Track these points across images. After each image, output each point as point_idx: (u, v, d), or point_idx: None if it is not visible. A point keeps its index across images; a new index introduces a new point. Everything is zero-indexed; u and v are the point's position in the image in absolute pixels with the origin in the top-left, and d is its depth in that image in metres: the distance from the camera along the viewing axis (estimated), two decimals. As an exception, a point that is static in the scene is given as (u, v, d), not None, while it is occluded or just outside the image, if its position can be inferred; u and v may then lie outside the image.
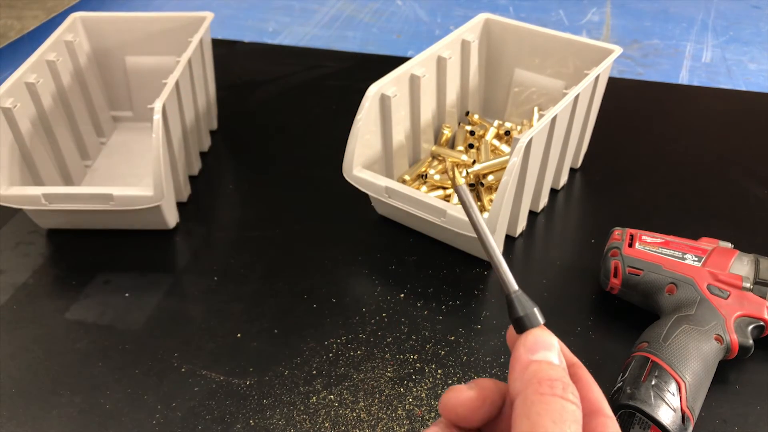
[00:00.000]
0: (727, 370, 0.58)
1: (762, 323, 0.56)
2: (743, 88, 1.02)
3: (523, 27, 0.82)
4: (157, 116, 0.67)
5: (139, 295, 0.67)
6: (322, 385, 0.58)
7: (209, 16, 0.85)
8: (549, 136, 0.68)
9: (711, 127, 0.91)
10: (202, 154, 0.87)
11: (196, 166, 0.84)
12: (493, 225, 0.62)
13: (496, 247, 0.30)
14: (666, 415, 0.48)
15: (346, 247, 0.73)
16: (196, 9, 0.91)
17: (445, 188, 0.77)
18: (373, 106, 0.70)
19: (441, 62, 0.78)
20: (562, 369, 0.27)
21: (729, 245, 0.63)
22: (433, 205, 0.66)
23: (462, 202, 0.30)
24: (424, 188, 0.77)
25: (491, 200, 0.74)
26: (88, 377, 0.59)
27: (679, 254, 0.61)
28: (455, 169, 0.31)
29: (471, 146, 0.81)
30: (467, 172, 0.75)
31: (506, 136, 0.83)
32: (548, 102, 0.83)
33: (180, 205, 0.77)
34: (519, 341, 0.28)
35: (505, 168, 0.62)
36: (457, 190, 0.30)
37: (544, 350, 0.28)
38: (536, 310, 0.29)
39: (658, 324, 0.56)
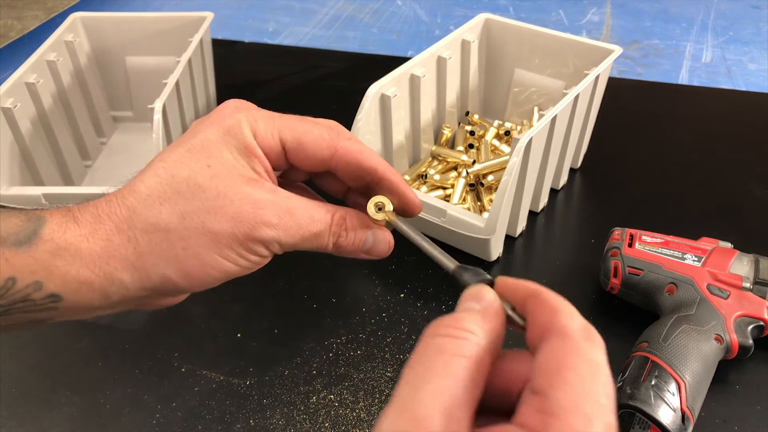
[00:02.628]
0: (727, 370, 0.58)
1: (762, 323, 0.56)
2: (743, 89, 1.02)
3: (523, 27, 0.82)
4: (157, 116, 0.67)
5: (139, 295, 0.67)
6: (322, 385, 0.58)
7: (209, 16, 0.85)
8: (549, 136, 0.68)
9: (711, 127, 0.91)
10: (202, 154, 0.87)
11: (196, 166, 0.84)
12: (493, 225, 0.62)
13: (423, 238, 0.34)
14: (666, 414, 0.48)
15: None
16: (196, 9, 0.91)
17: (444, 188, 0.77)
18: (373, 106, 0.70)
19: (441, 62, 0.78)
20: (475, 312, 0.27)
21: (729, 245, 0.63)
22: (433, 205, 0.66)
23: (400, 230, 0.35)
24: (424, 188, 0.77)
25: (491, 200, 0.74)
26: (88, 377, 0.59)
27: (679, 254, 0.61)
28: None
29: (471, 146, 0.81)
30: (467, 172, 0.75)
31: (506, 136, 0.83)
32: (548, 102, 0.83)
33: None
34: None
35: (505, 168, 0.62)
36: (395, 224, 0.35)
37: (467, 302, 0.28)
38: (470, 274, 0.30)
39: (658, 324, 0.56)
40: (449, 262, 0.32)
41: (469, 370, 0.24)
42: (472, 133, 0.83)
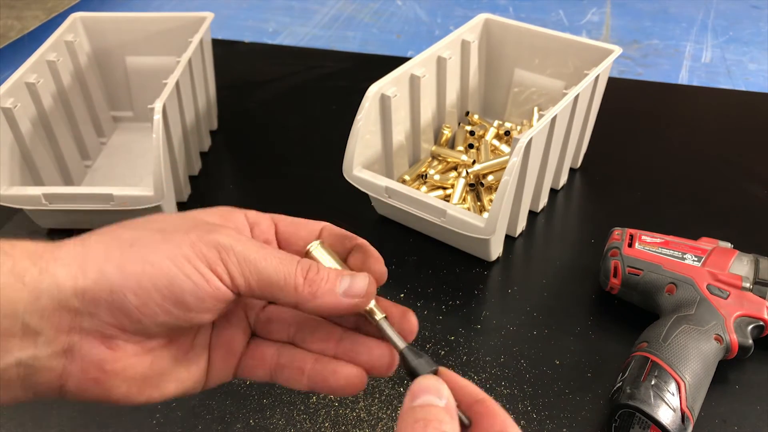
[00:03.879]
0: (727, 370, 0.58)
1: (762, 323, 0.56)
2: (743, 88, 1.02)
3: (523, 27, 0.82)
4: (157, 116, 0.67)
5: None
6: (322, 385, 0.58)
7: (209, 16, 0.85)
8: (549, 136, 0.68)
9: (711, 127, 0.91)
10: (202, 154, 0.87)
11: (196, 166, 0.84)
12: (493, 225, 0.62)
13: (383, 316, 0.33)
14: (666, 414, 0.48)
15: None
16: (196, 9, 0.91)
17: (444, 188, 0.77)
18: (373, 106, 0.70)
19: (441, 62, 0.78)
20: (444, 408, 0.28)
21: (729, 245, 0.63)
22: (433, 205, 0.66)
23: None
24: (424, 188, 0.77)
25: (491, 200, 0.74)
26: (89, 377, 0.59)
27: (679, 254, 0.61)
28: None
29: (471, 146, 0.81)
30: (467, 172, 0.75)
31: (506, 136, 0.83)
32: (548, 102, 0.83)
33: (180, 205, 0.77)
34: (407, 392, 0.30)
35: (505, 168, 0.62)
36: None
37: (426, 395, 0.29)
38: (423, 361, 0.31)
39: (658, 324, 0.56)
40: (399, 341, 0.32)
41: None
42: (472, 133, 0.83)
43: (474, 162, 0.78)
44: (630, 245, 0.63)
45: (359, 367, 0.34)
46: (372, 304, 0.33)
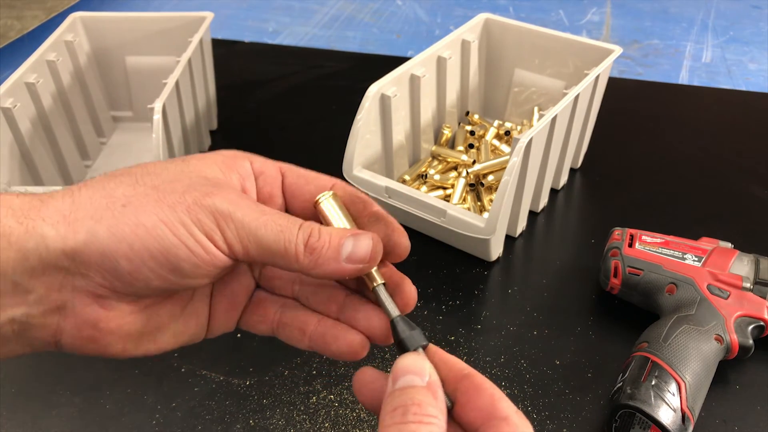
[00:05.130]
0: (727, 370, 0.58)
1: (762, 323, 0.56)
2: (743, 88, 1.02)
3: (523, 27, 0.82)
4: (157, 116, 0.67)
5: (139, 295, 0.67)
6: (322, 385, 0.58)
7: (209, 16, 0.85)
8: (549, 136, 0.68)
9: (711, 127, 0.91)
10: (202, 154, 0.87)
11: (196, 166, 0.84)
12: (493, 225, 0.62)
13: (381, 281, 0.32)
14: (666, 415, 0.48)
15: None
16: (196, 9, 0.91)
17: (444, 188, 0.77)
18: (373, 106, 0.70)
19: (441, 62, 0.78)
20: (425, 388, 0.27)
21: (729, 245, 0.63)
22: (433, 205, 0.65)
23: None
24: (424, 188, 0.77)
25: (491, 200, 0.74)
26: (88, 377, 0.59)
27: (679, 254, 0.61)
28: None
29: (471, 146, 0.81)
30: (467, 172, 0.75)
31: (506, 136, 0.83)
32: (548, 102, 0.83)
33: (180, 205, 0.77)
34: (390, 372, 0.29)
35: (505, 168, 0.62)
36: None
37: (407, 375, 0.28)
38: (414, 334, 0.30)
39: (658, 324, 0.56)
40: (392, 310, 0.31)
41: None
42: (472, 133, 0.83)
43: (474, 162, 0.77)
44: (630, 245, 0.63)
45: (361, 333, 0.33)
46: (374, 270, 0.31)
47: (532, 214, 0.76)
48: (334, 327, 0.33)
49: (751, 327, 0.56)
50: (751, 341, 0.55)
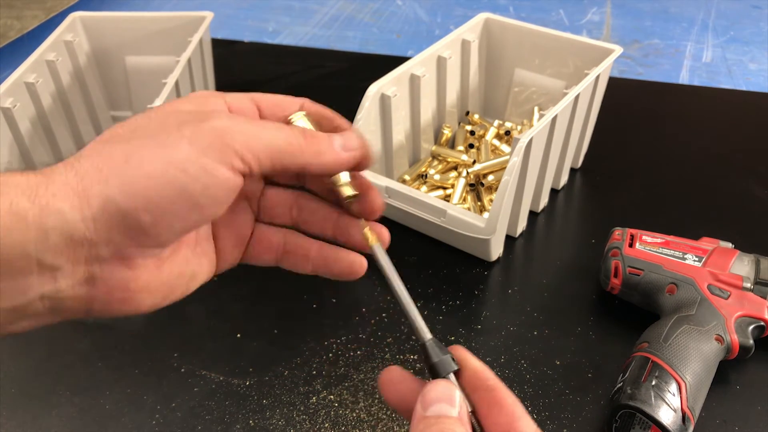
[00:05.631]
0: (728, 370, 0.58)
1: (762, 323, 0.56)
2: (744, 88, 1.02)
3: (523, 27, 0.81)
4: (157, 116, 0.66)
5: (139, 295, 0.67)
6: (322, 385, 0.58)
7: (209, 15, 0.85)
8: (549, 136, 0.68)
9: (711, 127, 0.91)
10: (202, 154, 0.87)
11: (196, 166, 0.84)
12: (493, 225, 0.62)
13: (410, 300, 0.33)
14: (666, 415, 0.48)
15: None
16: (196, 8, 0.90)
17: (444, 188, 0.77)
18: (373, 106, 0.70)
19: (441, 62, 0.78)
20: (457, 420, 0.28)
21: (729, 245, 0.62)
22: (433, 205, 0.65)
23: (377, 261, 0.34)
24: (424, 188, 0.77)
25: (491, 200, 0.74)
26: (88, 377, 0.59)
27: (680, 254, 0.61)
28: (368, 232, 0.35)
29: (471, 146, 0.81)
30: (467, 172, 0.75)
31: (506, 136, 0.83)
32: (548, 102, 0.83)
33: (180, 205, 0.77)
34: (419, 396, 0.29)
35: (505, 168, 0.62)
36: (373, 250, 0.34)
37: (439, 403, 0.28)
38: (449, 357, 0.31)
39: (659, 324, 0.56)
40: (424, 332, 0.32)
41: None
42: (472, 132, 0.83)
43: (474, 162, 0.77)
44: (631, 245, 0.63)
45: (359, 255, 0.36)
46: (345, 181, 0.34)
47: (533, 214, 0.76)
48: (335, 250, 0.36)
49: (751, 327, 0.56)
50: (751, 341, 0.55)
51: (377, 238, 0.34)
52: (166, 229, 0.28)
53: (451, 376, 0.30)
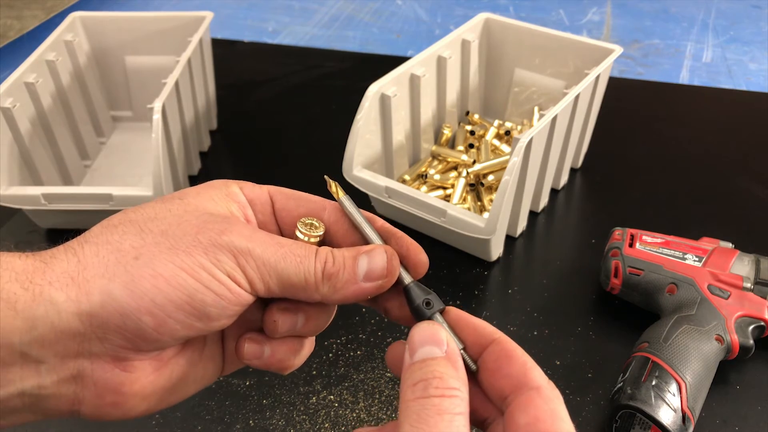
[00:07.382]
0: (728, 370, 0.58)
1: (763, 323, 0.56)
2: (744, 88, 1.02)
3: (523, 27, 0.81)
4: (157, 116, 0.66)
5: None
6: (322, 386, 0.58)
7: (209, 15, 0.85)
8: (549, 136, 0.68)
9: (711, 127, 0.91)
10: (202, 154, 0.87)
11: (196, 166, 0.84)
12: (494, 225, 0.62)
13: (379, 238, 0.31)
14: (666, 415, 0.48)
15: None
16: (196, 9, 0.91)
17: (445, 188, 0.77)
18: (373, 106, 0.70)
19: (441, 62, 0.78)
20: (444, 359, 0.26)
21: (729, 245, 0.62)
22: (433, 205, 0.65)
23: (348, 213, 0.31)
24: (424, 188, 0.77)
25: (491, 200, 0.74)
26: (88, 377, 0.59)
27: (680, 254, 0.61)
28: (337, 186, 0.32)
29: (471, 146, 0.81)
30: (467, 172, 0.75)
31: (506, 135, 0.83)
32: (548, 102, 0.83)
33: (180, 205, 0.77)
34: (406, 345, 0.28)
35: (505, 168, 0.62)
36: (341, 202, 0.31)
37: (424, 346, 0.27)
38: (432, 296, 0.30)
39: (659, 324, 0.56)
40: (404, 276, 0.31)
41: (467, 426, 0.25)
42: (472, 132, 0.83)
43: (474, 162, 0.77)
44: (631, 245, 0.63)
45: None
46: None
47: (533, 214, 0.76)
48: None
49: (751, 327, 0.56)
50: (751, 341, 0.55)
51: (344, 192, 0.32)
52: (169, 334, 0.27)
53: (437, 315, 0.29)
